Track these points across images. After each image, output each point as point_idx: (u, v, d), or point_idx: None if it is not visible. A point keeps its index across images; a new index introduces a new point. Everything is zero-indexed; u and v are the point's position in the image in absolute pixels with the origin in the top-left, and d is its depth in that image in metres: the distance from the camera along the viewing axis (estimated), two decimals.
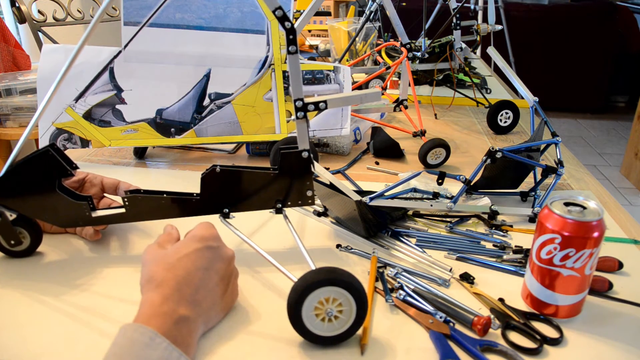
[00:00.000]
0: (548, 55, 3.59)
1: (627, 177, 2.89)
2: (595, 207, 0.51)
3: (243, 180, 0.60)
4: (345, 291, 0.47)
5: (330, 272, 0.47)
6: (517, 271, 0.61)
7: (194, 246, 0.51)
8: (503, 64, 0.91)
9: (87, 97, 0.86)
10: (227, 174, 0.59)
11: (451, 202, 0.71)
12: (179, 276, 0.48)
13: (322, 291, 0.47)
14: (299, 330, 0.48)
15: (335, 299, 0.47)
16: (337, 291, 0.47)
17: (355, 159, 0.96)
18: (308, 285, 0.47)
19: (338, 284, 0.47)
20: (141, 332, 0.42)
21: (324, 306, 0.47)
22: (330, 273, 0.47)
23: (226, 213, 0.61)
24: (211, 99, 0.90)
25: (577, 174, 0.91)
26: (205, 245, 0.51)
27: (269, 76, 0.90)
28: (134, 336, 0.41)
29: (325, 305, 0.47)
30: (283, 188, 0.61)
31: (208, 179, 0.59)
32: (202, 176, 0.59)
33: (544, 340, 0.50)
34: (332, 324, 0.48)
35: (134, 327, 0.42)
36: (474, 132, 1.13)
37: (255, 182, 0.60)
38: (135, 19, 0.85)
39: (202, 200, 0.60)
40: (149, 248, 0.53)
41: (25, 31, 2.30)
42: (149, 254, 0.52)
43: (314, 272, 0.48)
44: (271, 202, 0.62)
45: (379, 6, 1.36)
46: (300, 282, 0.48)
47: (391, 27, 1.09)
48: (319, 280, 0.47)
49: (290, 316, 0.48)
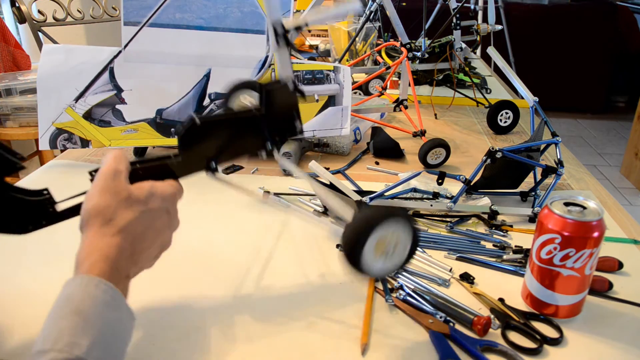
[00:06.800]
0: (548, 55, 3.59)
1: (627, 177, 2.89)
2: (595, 207, 0.51)
3: (228, 128, 0.54)
4: (404, 223, 0.45)
5: (387, 208, 0.46)
6: (517, 271, 0.61)
7: (157, 204, 0.47)
8: (503, 64, 0.91)
9: (87, 97, 0.86)
10: (208, 125, 0.52)
11: (451, 202, 0.71)
12: (137, 233, 0.44)
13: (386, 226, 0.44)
14: (357, 268, 0.45)
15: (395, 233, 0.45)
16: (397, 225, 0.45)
17: (355, 159, 0.96)
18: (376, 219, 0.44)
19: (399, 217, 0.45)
20: (103, 289, 0.39)
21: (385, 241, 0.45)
22: (388, 208, 0.45)
23: (214, 168, 0.54)
24: (211, 99, 0.90)
25: (577, 174, 0.91)
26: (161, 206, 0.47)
27: (269, 76, 0.90)
28: (95, 292, 0.38)
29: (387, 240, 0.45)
30: (271, 127, 0.56)
31: (188, 136, 0.52)
32: (179, 134, 0.51)
33: (544, 340, 0.50)
34: (389, 259, 0.46)
35: (95, 282, 0.39)
36: (474, 132, 1.13)
37: (241, 127, 0.55)
38: (135, 19, 0.85)
39: (185, 161, 0.52)
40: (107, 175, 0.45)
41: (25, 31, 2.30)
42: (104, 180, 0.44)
43: (374, 209, 0.46)
44: (259, 144, 0.57)
45: (379, 6, 1.35)
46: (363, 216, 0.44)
47: (391, 27, 1.09)
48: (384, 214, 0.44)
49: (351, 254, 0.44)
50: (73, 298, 0.38)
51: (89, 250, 0.41)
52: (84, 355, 0.35)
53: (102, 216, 0.43)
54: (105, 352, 0.37)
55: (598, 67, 3.61)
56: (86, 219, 0.43)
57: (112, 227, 0.43)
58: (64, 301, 0.38)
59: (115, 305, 0.39)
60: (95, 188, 0.44)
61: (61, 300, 0.38)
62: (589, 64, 3.60)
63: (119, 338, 0.40)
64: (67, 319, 0.37)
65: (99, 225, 0.42)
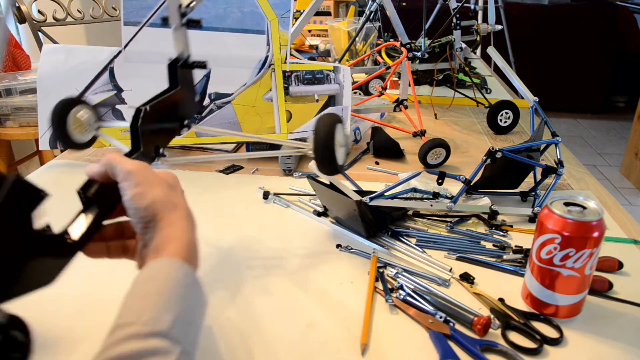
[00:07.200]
0: (548, 55, 3.59)
1: (627, 177, 2.89)
2: (595, 207, 0.51)
3: (166, 108, 0.56)
4: None
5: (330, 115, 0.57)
6: (517, 271, 0.61)
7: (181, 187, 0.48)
8: (503, 64, 0.91)
9: (87, 97, 0.86)
10: (156, 109, 0.54)
11: (451, 202, 0.71)
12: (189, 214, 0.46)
13: None
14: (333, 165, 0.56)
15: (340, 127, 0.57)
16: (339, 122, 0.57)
17: (355, 159, 0.96)
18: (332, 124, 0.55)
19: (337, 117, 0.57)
20: (184, 272, 0.39)
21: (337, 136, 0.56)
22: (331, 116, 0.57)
23: (162, 153, 0.55)
24: (211, 99, 0.90)
25: (577, 174, 0.91)
26: None
27: (268, 76, 0.90)
28: (177, 275, 0.39)
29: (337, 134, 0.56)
30: (186, 101, 0.60)
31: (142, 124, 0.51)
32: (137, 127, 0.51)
33: (544, 340, 0.50)
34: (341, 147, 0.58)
35: (177, 264, 0.39)
36: (474, 132, 1.13)
37: (172, 104, 0.58)
38: (135, 19, 0.85)
39: (146, 153, 0.52)
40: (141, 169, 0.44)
41: (25, 31, 2.30)
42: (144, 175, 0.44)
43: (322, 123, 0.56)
44: (181, 121, 0.61)
45: (379, 6, 1.36)
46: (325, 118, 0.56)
47: (391, 27, 1.09)
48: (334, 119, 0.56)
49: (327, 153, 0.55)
50: (155, 279, 0.38)
51: (169, 237, 0.42)
52: (167, 331, 0.35)
53: (168, 205, 0.43)
54: (185, 331, 0.37)
55: (598, 67, 3.61)
56: (153, 213, 0.42)
57: (180, 211, 0.44)
58: (146, 281, 0.38)
59: (194, 289, 0.40)
60: (140, 185, 0.43)
61: (142, 280, 0.39)
62: (589, 64, 3.60)
63: (197, 320, 0.40)
64: (150, 298, 0.37)
65: (168, 212, 0.43)
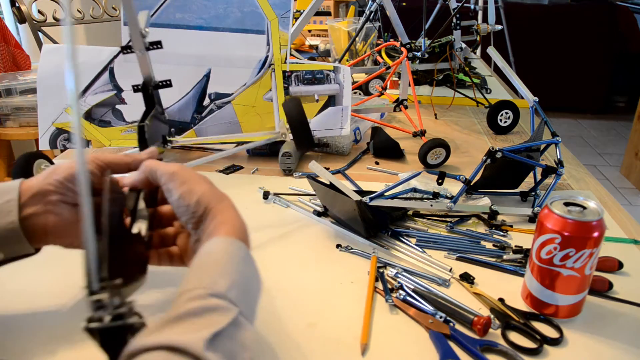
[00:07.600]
0: (548, 55, 3.59)
1: (627, 177, 2.89)
2: (595, 207, 0.51)
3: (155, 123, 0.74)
4: None
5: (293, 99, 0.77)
6: (517, 271, 0.61)
7: None
8: (503, 64, 0.91)
9: (87, 97, 0.86)
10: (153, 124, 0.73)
11: (451, 202, 0.71)
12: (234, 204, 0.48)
13: None
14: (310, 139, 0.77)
15: None
16: None
17: (355, 159, 0.96)
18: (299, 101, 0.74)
19: None
20: (239, 246, 0.43)
21: None
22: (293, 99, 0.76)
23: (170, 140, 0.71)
24: (211, 99, 0.90)
25: (577, 174, 0.91)
26: None
27: (268, 76, 0.90)
28: (232, 249, 0.42)
29: None
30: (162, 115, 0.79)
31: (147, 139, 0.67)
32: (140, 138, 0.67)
33: (544, 340, 0.50)
34: None
35: (231, 240, 0.42)
36: (474, 132, 1.13)
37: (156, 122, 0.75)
38: None
39: None
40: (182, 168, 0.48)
41: (25, 31, 2.30)
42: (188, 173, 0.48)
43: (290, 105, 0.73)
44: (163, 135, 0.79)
45: (379, 6, 1.35)
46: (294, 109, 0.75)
47: (391, 27, 1.09)
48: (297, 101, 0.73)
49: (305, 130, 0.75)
50: (212, 252, 0.41)
51: (222, 222, 0.44)
52: (224, 292, 0.37)
53: (215, 196, 0.46)
54: (242, 297, 0.39)
55: (598, 67, 3.61)
56: (204, 206, 0.45)
57: (227, 201, 0.47)
58: (204, 255, 0.41)
59: (248, 262, 0.43)
60: (186, 183, 0.46)
61: (201, 255, 0.41)
62: (589, 64, 3.60)
63: (253, 291, 0.42)
64: (208, 267, 0.40)
65: (217, 203, 0.46)
